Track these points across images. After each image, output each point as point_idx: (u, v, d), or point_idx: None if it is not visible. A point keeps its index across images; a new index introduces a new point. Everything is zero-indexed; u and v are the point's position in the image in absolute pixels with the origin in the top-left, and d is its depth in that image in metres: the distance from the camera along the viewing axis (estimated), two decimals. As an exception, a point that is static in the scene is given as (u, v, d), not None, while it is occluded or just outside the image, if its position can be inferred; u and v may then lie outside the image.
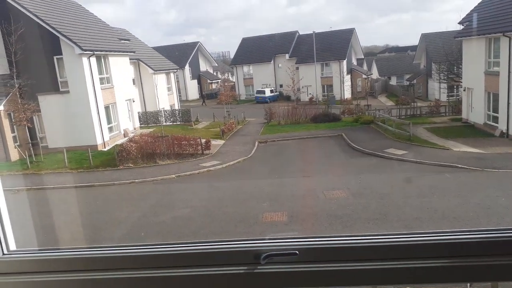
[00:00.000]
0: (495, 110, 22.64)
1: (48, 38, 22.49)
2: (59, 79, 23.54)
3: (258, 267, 1.71)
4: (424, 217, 11.32)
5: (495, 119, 22.66)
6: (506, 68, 20.78)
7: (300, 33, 59.26)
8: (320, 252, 1.73)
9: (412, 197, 13.28)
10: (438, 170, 16.46)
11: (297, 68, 52.76)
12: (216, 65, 74.37)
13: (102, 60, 25.54)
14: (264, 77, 57.47)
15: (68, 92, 23.32)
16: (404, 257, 1.71)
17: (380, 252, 1.72)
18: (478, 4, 26.89)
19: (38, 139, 23.58)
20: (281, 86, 55.89)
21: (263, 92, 53.61)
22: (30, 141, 21.91)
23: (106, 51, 25.70)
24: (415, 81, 52.49)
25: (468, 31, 25.85)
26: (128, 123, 28.74)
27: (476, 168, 16.08)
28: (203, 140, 22.06)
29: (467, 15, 27.04)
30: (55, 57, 23.25)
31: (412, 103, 38.39)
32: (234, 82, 62.43)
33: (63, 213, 13.84)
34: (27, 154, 20.60)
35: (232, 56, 70.48)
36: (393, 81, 65.80)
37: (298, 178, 17.21)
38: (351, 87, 52.39)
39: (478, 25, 24.59)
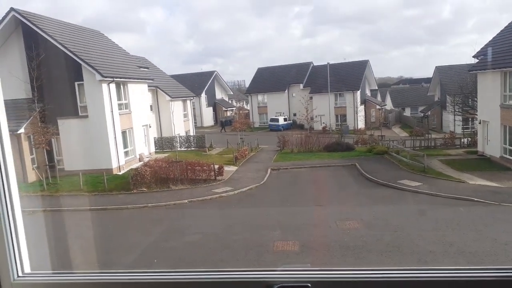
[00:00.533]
0: (512, 143, 22.37)
1: (70, 65, 23.29)
2: (78, 104, 24.18)
3: None
4: (438, 251, 11.09)
5: (512, 153, 22.36)
6: (522, 101, 20.66)
7: (315, 63, 60.19)
8: (332, 285, 1.70)
9: (426, 230, 13.04)
10: (453, 203, 16.19)
11: (311, 98, 53.25)
12: (232, 93, 75.57)
13: (121, 86, 26.24)
14: (278, 106, 58.07)
15: (87, 116, 23.90)
16: None
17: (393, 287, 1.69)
18: (493, 38, 27.05)
19: (55, 161, 24.06)
20: (294, 114, 56.32)
21: (277, 120, 54.03)
22: (47, 163, 22.37)
23: (126, 78, 26.43)
24: (429, 112, 52.30)
25: (483, 64, 25.91)
26: (144, 148, 29.16)
27: (493, 202, 15.77)
28: (216, 166, 22.20)
29: (481, 49, 27.17)
30: (76, 83, 23.96)
31: (427, 135, 38.14)
32: (249, 110, 63.15)
33: (76, 236, 13.96)
34: (44, 176, 20.99)
35: (247, 84, 71.59)
36: (407, 113, 65.65)
37: (311, 207, 17.09)
38: (365, 117, 52.47)
39: (493, 59, 24.66)
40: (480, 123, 26.99)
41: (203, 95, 62.37)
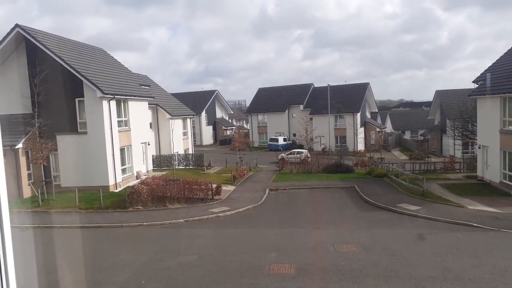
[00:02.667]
0: (511, 169, 22.27)
1: (72, 81, 23.41)
2: (78, 120, 24.17)
3: None
4: (437, 276, 10.85)
5: (511, 179, 22.23)
6: (522, 127, 20.66)
7: (316, 85, 60.69)
8: None
9: (425, 254, 12.81)
10: (452, 228, 15.98)
11: (311, 119, 53.44)
12: (232, 112, 75.93)
13: (122, 103, 26.32)
14: (277, 126, 58.24)
15: (86, 133, 23.87)
16: None
17: None
18: (492, 64, 27.32)
19: (52, 177, 23.91)
20: (294, 135, 56.42)
21: (276, 140, 54.11)
22: (44, 179, 22.23)
23: (126, 95, 26.54)
24: (429, 136, 52.40)
25: (483, 90, 26.06)
26: (142, 166, 29.04)
27: (492, 228, 15.57)
28: (214, 185, 22.05)
29: (481, 74, 27.40)
30: (76, 99, 24.03)
31: (426, 158, 38.07)
32: (248, 129, 63.27)
33: (68, 254, 13.71)
34: (39, 191, 20.82)
35: (247, 104, 72.00)
36: (407, 136, 65.84)
37: (308, 229, 16.85)
38: (365, 139, 52.52)
39: (493, 84, 24.82)
40: (479, 147, 26.96)
41: (204, 113, 62.64)
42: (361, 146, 51.83)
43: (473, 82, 28.56)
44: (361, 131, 53.13)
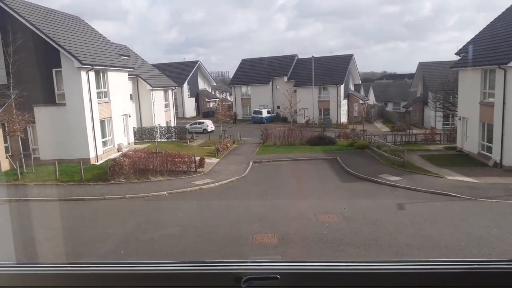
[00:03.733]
0: (489, 140, 22.77)
1: (48, 51, 22.58)
2: (56, 92, 23.50)
3: None
4: (415, 244, 11.18)
5: (489, 149, 22.77)
6: (501, 99, 21.01)
7: (300, 56, 60.11)
8: (301, 277, 1.70)
9: (404, 223, 13.16)
10: (431, 197, 16.39)
11: (295, 91, 53.23)
12: (215, 84, 74.96)
13: (101, 74, 25.61)
14: (261, 98, 57.87)
15: (64, 104, 23.27)
16: (389, 285, 1.67)
17: (363, 280, 1.68)
18: (475, 36, 27.44)
19: (31, 150, 23.39)
20: (278, 107, 56.25)
21: (260, 112, 53.90)
22: (22, 152, 21.71)
23: (105, 66, 25.81)
24: (411, 108, 52.99)
25: (465, 62, 26.26)
26: (123, 138, 28.63)
27: (469, 197, 16.04)
28: (197, 158, 21.95)
29: (463, 46, 27.54)
30: (53, 70, 23.27)
31: (408, 130, 38.62)
32: (232, 101, 62.79)
33: (49, 227, 13.58)
34: (18, 165, 20.38)
35: (231, 76, 71.12)
36: (390, 108, 66.48)
37: (291, 200, 17.07)
38: (348, 111, 52.78)
39: (474, 56, 25.01)
40: (460, 119, 27.42)
41: (186, 85, 61.68)
42: (344, 118, 52.15)
43: (455, 54, 28.73)
44: (344, 103, 53.31)
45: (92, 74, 24.05)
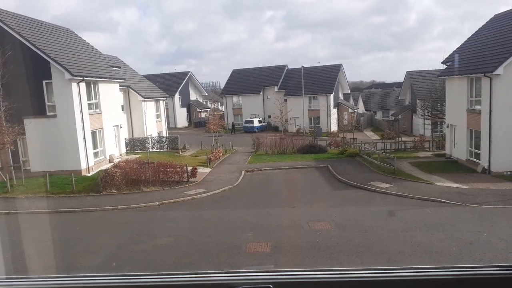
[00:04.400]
0: (477, 147, 23.15)
1: (38, 63, 22.55)
2: (46, 103, 23.42)
3: None
4: (407, 251, 11.31)
5: (477, 156, 23.14)
6: (488, 107, 21.43)
7: (289, 67, 60.65)
8: (294, 286, 1.69)
9: (396, 230, 13.29)
10: (422, 204, 16.59)
11: (286, 100, 53.59)
12: (206, 94, 75.13)
13: (92, 86, 25.59)
14: (253, 108, 58.14)
15: (55, 116, 23.18)
16: None
17: (355, 287, 1.69)
18: (460, 45, 28.05)
19: (21, 162, 23.19)
20: (269, 117, 56.53)
21: (252, 122, 54.11)
22: (12, 164, 21.50)
23: (96, 77, 25.80)
24: (400, 116, 53.59)
25: (451, 70, 26.78)
26: (114, 149, 28.52)
27: (459, 203, 16.27)
28: (189, 168, 21.95)
29: (449, 55, 28.11)
30: (44, 81, 23.20)
31: (397, 138, 39.04)
32: (223, 111, 62.93)
33: (40, 240, 13.45)
34: (8, 177, 20.18)
35: (222, 86, 71.34)
36: (379, 116, 67.12)
37: (283, 208, 17.13)
38: (338, 120, 53.25)
39: (460, 65, 25.53)
40: (448, 126, 27.84)
41: (177, 95, 61.74)
42: (334, 127, 52.56)
43: (442, 63, 29.31)
44: (334, 112, 53.78)
45: (83, 85, 24.02)
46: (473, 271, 1.68)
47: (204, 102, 73.17)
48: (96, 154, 25.51)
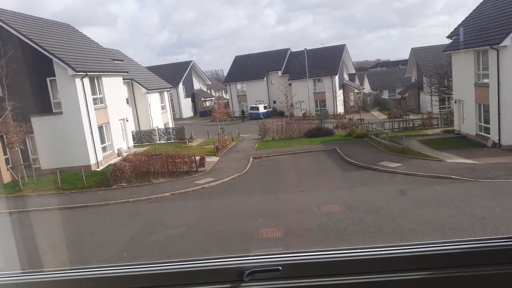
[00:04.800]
0: (486, 121, 22.86)
1: (41, 60, 22.57)
2: (52, 101, 23.52)
3: (242, 284, 1.70)
4: (419, 229, 11.28)
5: (487, 130, 22.86)
6: (495, 79, 21.07)
7: (292, 50, 60.03)
8: (303, 267, 1.71)
9: (406, 209, 13.25)
10: (432, 181, 16.49)
11: (290, 84, 53.23)
12: (210, 83, 74.88)
13: (96, 80, 25.61)
14: (257, 94, 57.85)
15: (61, 113, 23.29)
16: (392, 269, 1.67)
17: (365, 265, 1.69)
18: (466, 18, 27.45)
19: (31, 160, 23.42)
20: (274, 102, 56.26)
21: (257, 108, 53.91)
22: (22, 163, 21.74)
23: (99, 71, 25.79)
24: (407, 94, 53.03)
25: (457, 44, 26.30)
26: (122, 143, 28.66)
27: (470, 179, 16.14)
28: (197, 157, 22.01)
29: (454, 29, 27.56)
30: (48, 79, 23.26)
31: (405, 116, 38.70)
32: (228, 99, 62.77)
33: (54, 235, 13.64)
34: (19, 176, 20.42)
35: (225, 74, 71.04)
36: (385, 95, 66.47)
37: (293, 193, 17.15)
38: (344, 101, 52.84)
39: (466, 38, 25.04)
40: (455, 102, 27.50)
41: (181, 86, 61.62)
42: (340, 109, 52.19)
43: (447, 37, 28.75)
44: (340, 93, 53.33)
45: (86, 80, 24.04)
46: (483, 243, 1.68)
47: (208, 91, 73.00)
48: (104, 149, 25.65)
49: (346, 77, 60.35)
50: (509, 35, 20.05)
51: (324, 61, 53.71)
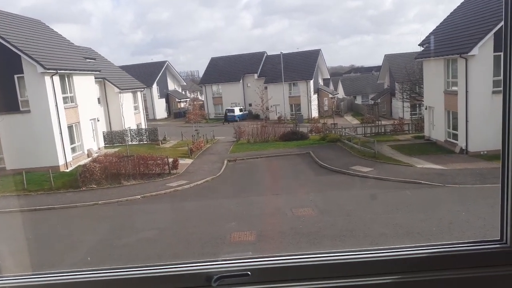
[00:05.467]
0: (455, 128, 23.57)
1: (8, 56, 21.76)
2: (19, 98, 22.71)
3: None
4: (389, 233, 11.47)
5: (455, 137, 23.57)
6: (464, 87, 21.77)
7: (268, 53, 60.29)
8: (272, 271, 1.69)
9: (378, 213, 13.46)
10: (402, 186, 16.84)
11: (266, 88, 53.40)
12: (185, 84, 74.15)
13: (66, 79, 24.92)
14: (233, 96, 57.73)
15: (29, 111, 22.52)
16: (363, 273, 1.68)
17: (335, 269, 1.69)
18: (436, 27, 28.30)
19: (-5, 160, 22.50)
20: (250, 105, 56.28)
21: (233, 110, 53.77)
22: (-14, 163, 20.87)
23: (70, 70, 25.12)
24: (379, 100, 54.15)
25: (428, 52, 27.06)
26: (92, 143, 27.97)
27: (438, 184, 16.57)
28: (170, 160, 21.71)
29: (426, 37, 28.37)
30: (15, 76, 22.47)
31: (377, 122, 39.47)
32: (203, 101, 62.37)
33: (18, 238, 13.11)
34: (-18, 176, 19.57)
35: (201, 75, 70.58)
36: (359, 100, 67.65)
37: (267, 196, 17.15)
38: (318, 106, 53.42)
39: (437, 47, 25.80)
40: (426, 109, 28.25)
41: (155, 86, 60.73)
42: (315, 113, 52.72)
43: (419, 45, 29.54)
44: (314, 98, 53.90)
45: (56, 78, 23.34)
46: (447, 247, 1.72)
47: (183, 92, 72.30)
48: (73, 149, 24.96)
49: (321, 82, 61.09)
50: (477, 45, 20.76)
51: (299, 66, 54.19)
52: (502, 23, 1.65)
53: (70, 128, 24.65)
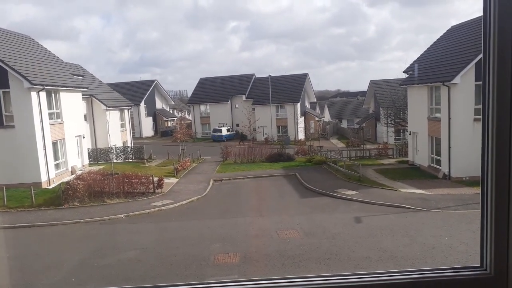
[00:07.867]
0: (438, 153, 24.02)
1: (-5, 71, 21.57)
2: (3, 113, 22.40)
3: None
4: (373, 256, 11.50)
5: (438, 162, 24.00)
6: (447, 114, 22.32)
7: (256, 76, 61.04)
8: None
9: (362, 236, 13.51)
10: (387, 210, 16.98)
11: (253, 109, 53.84)
12: (173, 103, 74.22)
13: (53, 95, 24.74)
14: (221, 116, 57.95)
15: (13, 127, 22.20)
16: None
17: None
18: (421, 55, 29.18)
19: (-25, 175, 21.96)
20: (237, 125, 56.51)
21: (220, 131, 53.88)
22: (-35, 178, 20.34)
23: (57, 86, 24.97)
24: (364, 124, 54.94)
25: (412, 79, 27.79)
26: (77, 160, 27.60)
27: (422, 209, 16.76)
28: (155, 178, 21.52)
29: (410, 65, 29.19)
30: (1, 90, 22.22)
31: (362, 145, 39.96)
32: (191, 120, 62.39)
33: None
34: (-39, 191, 19.04)
35: (189, 94, 70.75)
36: (344, 124, 68.52)
37: (252, 217, 17.05)
38: (305, 128, 53.95)
39: (421, 74, 26.54)
40: (410, 134, 28.77)
41: (142, 104, 60.62)
42: (301, 135, 53.18)
43: (403, 72, 30.37)
44: (301, 120, 54.48)
45: (43, 94, 23.17)
46: (430, 273, 1.72)
47: (171, 111, 72.29)
48: (57, 166, 24.57)
49: (307, 105, 61.87)
50: (460, 74, 21.43)
51: (287, 89, 54.92)
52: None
53: (54, 144, 24.32)
